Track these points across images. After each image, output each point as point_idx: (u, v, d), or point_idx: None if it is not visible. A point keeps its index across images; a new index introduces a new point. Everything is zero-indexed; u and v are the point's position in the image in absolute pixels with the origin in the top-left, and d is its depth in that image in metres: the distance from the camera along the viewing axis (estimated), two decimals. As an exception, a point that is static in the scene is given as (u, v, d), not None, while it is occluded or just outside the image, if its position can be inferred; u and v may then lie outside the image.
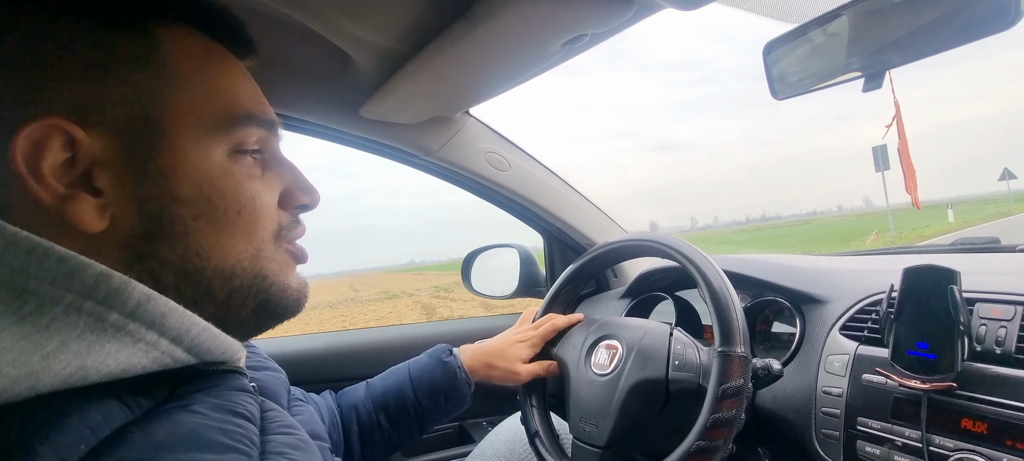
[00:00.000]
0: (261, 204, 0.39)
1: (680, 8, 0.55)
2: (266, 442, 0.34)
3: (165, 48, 0.36)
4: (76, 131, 0.32)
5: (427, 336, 1.22)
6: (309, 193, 0.44)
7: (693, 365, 0.65)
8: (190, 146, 0.35)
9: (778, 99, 0.65)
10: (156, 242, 0.34)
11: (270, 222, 0.40)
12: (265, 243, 0.39)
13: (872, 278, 0.73)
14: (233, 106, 0.38)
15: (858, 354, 0.66)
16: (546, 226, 1.20)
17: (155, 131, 0.34)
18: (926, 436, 0.56)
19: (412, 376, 0.76)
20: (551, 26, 0.62)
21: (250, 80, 0.41)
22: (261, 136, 0.40)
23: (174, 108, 0.35)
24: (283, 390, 0.54)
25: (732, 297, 0.63)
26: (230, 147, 0.37)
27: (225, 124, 0.37)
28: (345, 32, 0.68)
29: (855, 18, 0.58)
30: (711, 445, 0.57)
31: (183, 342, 0.33)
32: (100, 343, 0.29)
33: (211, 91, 0.37)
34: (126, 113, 0.34)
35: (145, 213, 0.34)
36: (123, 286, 0.30)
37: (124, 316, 0.30)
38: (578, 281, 0.86)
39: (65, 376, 0.27)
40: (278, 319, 0.41)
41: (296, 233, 0.43)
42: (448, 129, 1.01)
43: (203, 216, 0.35)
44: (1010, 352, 0.55)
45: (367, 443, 0.74)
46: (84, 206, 0.32)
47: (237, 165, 0.38)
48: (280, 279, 0.40)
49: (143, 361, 0.30)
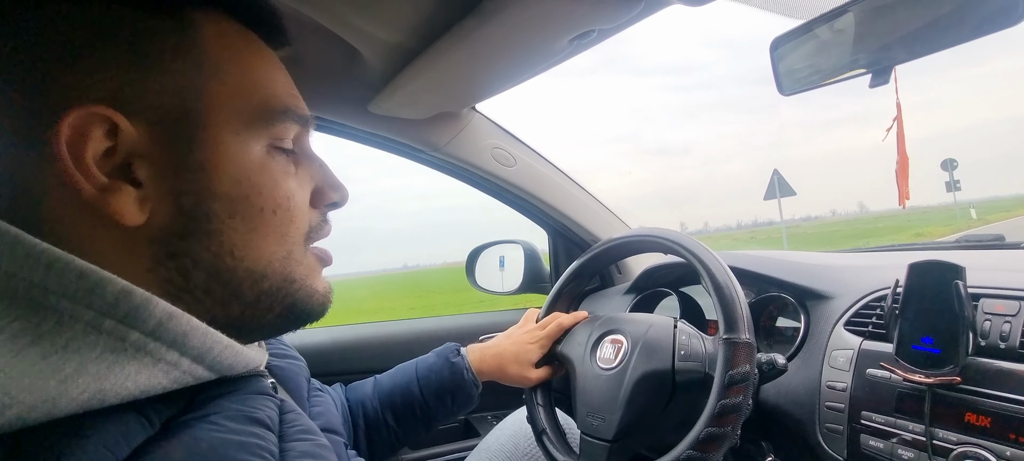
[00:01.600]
0: (295, 203, 0.37)
1: (687, 3, 0.55)
2: (285, 451, 0.33)
3: (202, 35, 0.34)
4: (119, 119, 0.31)
5: (434, 331, 1.23)
6: (339, 190, 0.42)
7: (699, 355, 0.65)
8: (228, 139, 0.34)
9: (785, 95, 0.65)
10: (190, 239, 0.33)
11: (302, 222, 0.38)
12: (296, 245, 0.38)
13: (876, 274, 0.73)
14: (271, 100, 0.37)
15: (862, 349, 0.66)
16: (551, 222, 1.21)
17: (195, 122, 0.33)
18: (930, 430, 0.57)
19: (419, 375, 0.76)
20: (559, 22, 0.63)
21: (285, 72, 0.40)
22: (297, 132, 0.39)
23: (213, 99, 0.34)
24: (303, 380, 0.54)
25: (736, 287, 0.64)
26: (268, 143, 0.36)
27: (264, 118, 0.36)
28: (355, 27, 0.69)
29: (862, 14, 0.58)
30: (720, 432, 0.58)
31: (205, 361, 0.32)
32: (120, 364, 0.28)
33: (249, 83, 0.36)
34: (166, 102, 0.33)
35: (181, 208, 0.33)
36: (144, 303, 0.29)
37: (145, 335, 0.29)
38: (582, 277, 0.87)
39: (83, 401, 0.26)
40: (303, 323, 0.40)
41: (324, 233, 0.42)
42: (455, 125, 1.02)
43: (239, 214, 0.34)
44: (1014, 347, 0.55)
45: (373, 440, 0.75)
46: (125, 198, 0.31)
47: (274, 162, 0.37)
48: (308, 283, 0.39)
49: (163, 381, 0.29)
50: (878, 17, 0.58)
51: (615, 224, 1.22)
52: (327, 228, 0.42)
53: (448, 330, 1.24)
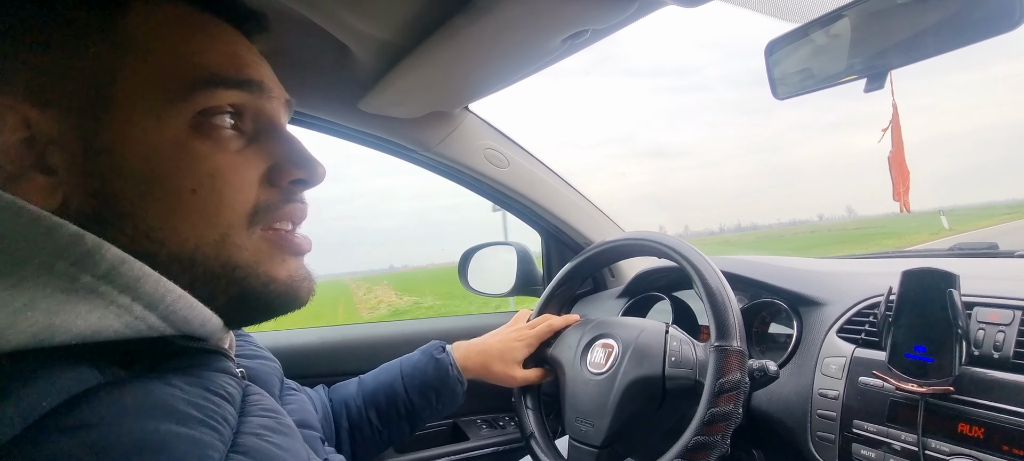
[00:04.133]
0: (226, 181, 0.35)
1: (682, 5, 0.54)
2: (243, 422, 0.33)
3: (133, 19, 0.34)
4: (29, 111, 0.31)
5: (422, 332, 1.22)
6: (304, 166, 0.39)
7: (690, 362, 0.64)
8: (139, 118, 0.33)
9: (779, 98, 0.65)
10: (104, 223, 0.32)
11: (240, 201, 0.36)
12: (233, 227, 0.35)
13: (870, 281, 0.73)
14: (194, 69, 0.35)
15: (855, 357, 0.66)
16: (544, 224, 1.20)
17: (103, 104, 0.33)
18: (922, 440, 0.56)
19: (404, 373, 0.75)
20: (552, 21, 0.62)
21: (232, 43, 0.38)
22: (240, 101, 0.36)
23: (127, 78, 0.33)
24: (276, 380, 0.53)
25: (728, 294, 0.63)
26: (192, 116, 0.34)
27: (184, 90, 0.34)
28: (345, 24, 0.67)
29: (858, 19, 0.57)
30: (709, 440, 0.57)
31: (157, 309, 0.31)
32: (71, 304, 0.28)
33: (173, 56, 0.34)
34: (78, 88, 0.32)
35: (91, 192, 0.33)
36: (96, 248, 0.30)
37: (96, 278, 0.29)
38: (574, 280, 0.86)
39: (32, 333, 0.27)
40: (269, 313, 0.38)
41: (283, 214, 0.38)
42: (447, 125, 1.01)
43: (150, 195, 0.33)
44: (1008, 357, 0.55)
45: (356, 440, 0.74)
46: (32, 186, 0.32)
47: (200, 138, 0.35)
48: (259, 270, 0.36)
49: (115, 324, 0.30)
50: (874, 22, 0.57)
51: (608, 227, 1.21)
52: (293, 208, 0.39)
53: (436, 332, 1.23)
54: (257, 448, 0.32)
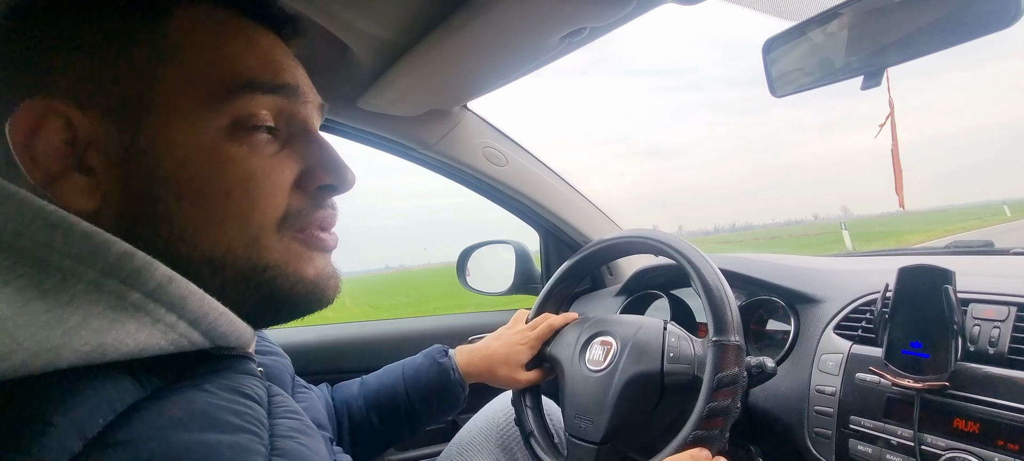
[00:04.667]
0: (258, 186, 0.36)
1: (680, 2, 0.55)
2: (274, 425, 0.34)
3: (174, 24, 0.35)
4: (73, 112, 0.32)
5: (423, 331, 1.22)
6: (335, 172, 0.39)
7: (688, 357, 0.65)
8: (177, 122, 0.34)
9: (777, 96, 0.65)
10: (142, 225, 0.33)
11: (272, 206, 0.36)
12: (263, 230, 0.36)
13: (867, 278, 0.73)
14: (233, 75, 0.35)
15: (852, 353, 0.66)
16: (542, 223, 1.20)
17: (143, 108, 0.33)
18: (918, 435, 0.57)
19: (405, 376, 0.76)
20: (551, 19, 0.62)
21: (271, 49, 0.38)
22: (276, 106, 0.37)
23: (166, 82, 0.34)
24: (288, 376, 0.53)
25: (726, 289, 0.63)
26: (229, 121, 0.35)
27: (222, 95, 0.35)
28: (344, 22, 0.68)
29: (855, 17, 0.58)
30: (708, 434, 0.57)
31: (200, 326, 0.32)
32: (120, 321, 0.29)
33: (212, 62, 0.35)
34: (120, 91, 0.33)
35: (130, 194, 0.33)
36: (146, 266, 0.30)
37: (144, 296, 0.30)
38: (572, 279, 0.86)
39: (85, 353, 0.27)
40: (296, 313, 0.39)
41: (315, 219, 0.39)
42: (446, 123, 1.01)
43: (186, 198, 0.34)
44: (1003, 353, 0.55)
45: (357, 441, 0.74)
46: (73, 186, 0.32)
47: (236, 142, 0.35)
48: (288, 270, 0.37)
49: (160, 342, 0.30)
50: (871, 20, 0.57)
51: (606, 225, 1.21)
52: (323, 214, 0.40)
53: (437, 330, 1.23)
54: (293, 451, 0.33)
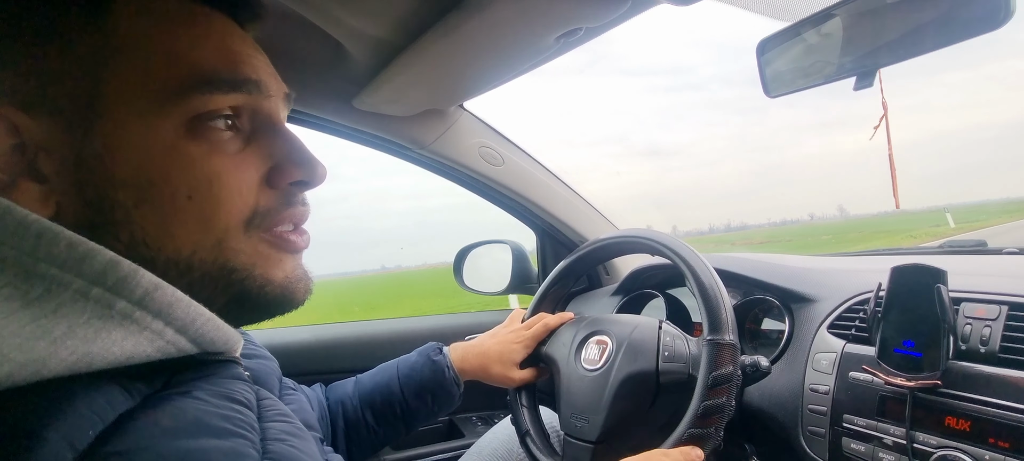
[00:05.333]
0: (222, 186, 0.34)
1: (674, 2, 0.55)
2: (264, 429, 0.34)
3: (119, 13, 0.32)
4: (17, 116, 0.31)
5: (419, 330, 1.22)
6: (305, 167, 0.38)
7: (683, 356, 0.65)
8: (131, 122, 0.32)
9: (771, 97, 0.65)
10: (100, 231, 0.32)
11: (238, 206, 0.35)
12: (229, 231, 0.34)
13: (860, 277, 0.74)
14: (187, 71, 0.33)
15: (845, 352, 0.67)
16: (539, 222, 1.20)
17: (94, 109, 0.32)
18: (910, 433, 0.57)
19: (400, 374, 0.76)
20: (546, 19, 0.62)
21: (226, 35, 0.36)
22: (237, 101, 0.35)
23: (115, 80, 0.32)
24: (275, 379, 0.53)
25: (721, 289, 0.63)
26: (186, 119, 0.33)
27: (177, 92, 0.33)
28: (339, 21, 0.67)
29: (848, 18, 0.58)
30: (703, 433, 0.58)
31: (188, 332, 0.32)
32: (107, 330, 0.28)
33: (164, 56, 0.33)
34: (65, 91, 0.31)
35: (86, 199, 0.32)
36: (132, 274, 0.29)
37: (131, 304, 0.29)
38: (568, 279, 0.86)
39: (71, 363, 0.27)
40: (266, 314, 0.38)
41: (286, 216, 0.37)
42: (442, 123, 1.01)
43: (146, 202, 0.32)
44: (994, 351, 0.56)
45: (352, 440, 0.74)
46: (25, 195, 0.31)
47: (195, 141, 0.33)
48: (257, 272, 0.36)
49: (148, 349, 0.30)
50: (864, 21, 0.58)
51: (602, 225, 1.22)
52: (294, 211, 0.38)
53: (433, 330, 1.23)
54: (284, 454, 0.32)
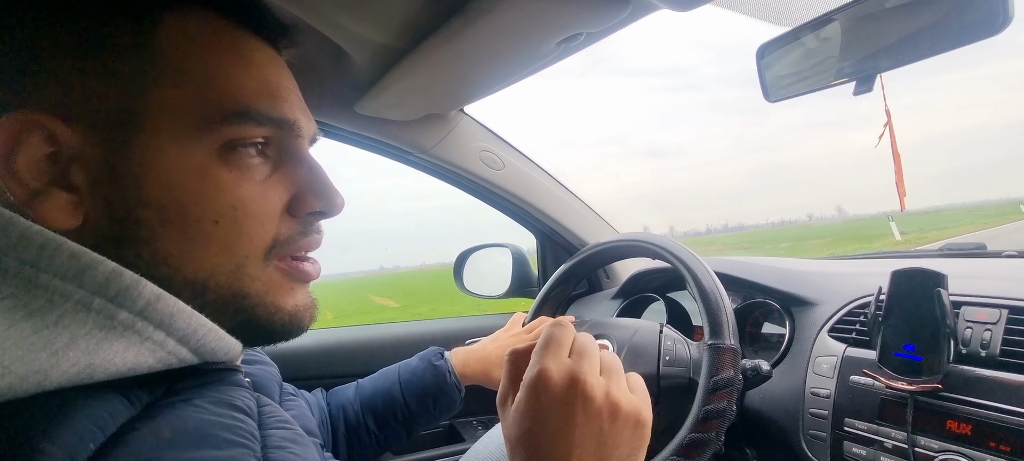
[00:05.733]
0: (247, 213, 0.34)
1: (675, 8, 0.55)
2: (265, 436, 0.34)
3: (165, 34, 0.33)
4: (56, 126, 0.31)
5: (420, 334, 1.22)
6: (324, 197, 0.38)
7: (684, 360, 0.65)
8: (166, 144, 0.32)
9: (770, 101, 0.66)
10: (123, 246, 0.32)
11: (259, 235, 0.35)
12: (249, 259, 0.35)
13: (860, 281, 0.74)
14: (228, 100, 0.34)
15: (846, 356, 0.67)
16: (539, 226, 1.20)
17: (133, 126, 0.32)
18: (912, 437, 0.57)
19: (401, 379, 0.76)
20: (547, 24, 0.62)
21: (268, 69, 0.37)
22: (269, 133, 0.36)
23: (156, 99, 0.32)
24: (275, 385, 0.53)
25: (721, 293, 0.64)
26: (219, 144, 0.34)
27: (215, 120, 0.33)
28: (341, 27, 0.68)
29: (847, 23, 0.58)
30: (703, 437, 0.58)
31: (189, 343, 0.32)
32: (109, 341, 0.28)
33: (206, 82, 0.34)
34: (108, 107, 0.32)
35: (113, 214, 0.32)
36: (134, 285, 0.29)
37: (133, 315, 0.29)
38: (569, 282, 0.86)
39: (73, 374, 0.27)
40: (271, 340, 0.38)
41: (301, 245, 0.38)
42: (443, 127, 1.01)
43: (172, 222, 0.33)
44: (995, 355, 0.56)
45: (353, 445, 0.74)
46: (54, 204, 0.31)
47: (227, 166, 0.34)
48: (267, 300, 0.36)
49: (149, 360, 0.30)
50: (863, 25, 0.58)
51: (603, 228, 1.22)
52: (309, 240, 0.39)
53: (434, 334, 1.23)
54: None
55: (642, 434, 0.39)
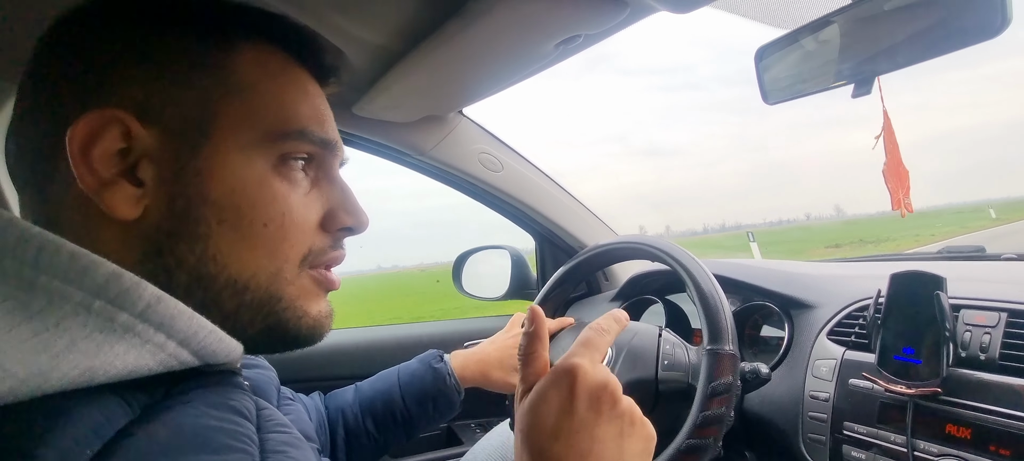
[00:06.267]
0: (291, 221, 0.37)
1: (673, 10, 0.55)
2: (264, 440, 0.34)
3: (242, 58, 0.37)
4: (133, 124, 0.33)
5: (419, 337, 1.22)
6: (355, 216, 0.42)
7: (683, 364, 0.65)
8: (233, 152, 0.36)
9: (769, 104, 0.66)
10: (178, 239, 0.34)
11: (299, 242, 0.38)
12: (288, 264, 0.38)
13: (859, 284, 0.74)
14: (287, 120, 0.38)
15: (845, 359, 0.66)
16: (538, 228, 1.20)
17: (203, 132, 0.35)
18: (911, 441, 0.57)
19: (401, 382, 0.76)
20: (545, 26, 0.62)
21: (318, 102, 0.41)
22: (314, 151, 0.39)
23: (227, 113, 0.36)
24: (273, 389, 0.53)
25: (720, 297, 0.63)
26: (276, 158, 0.37)
27: (275, 136, 0.37)
28: (339, 28, 0.68)
29: (846, 25, 0.58)
30: (701, 443, 0.57)
31: (190, 345, 0.32)
32: (109, 343, 0.28)
33: (270, 103, 0.37)
34: (182, 113, 0.35)
35: (174, 209, 0.34)
36: (134, 287, 0.30)
37: (133, 317, 0.30)
38: (567, 284, 0.86)
39: (73, 377, 0.27)
40: (289, 346, 0.40)
41: (330, 258, 0.41)
42: (441, 129, 1.01)
43: (228, 222, 0.35)
44: (994, 358, 0.55)
45: (353, 448, 0.73)
46: (121, 194, 0.33)
47: (280, 177, 0.37)
48: (297, 304, 0.38)
49: (150, 363, 0.30)
50: (862, 28, 0.58)
51: (602, 230, 1.22)
52: (337, 254, 0.42)
53: (432, 336, 1.23)
54: None
55: (650, 450, 0.42)
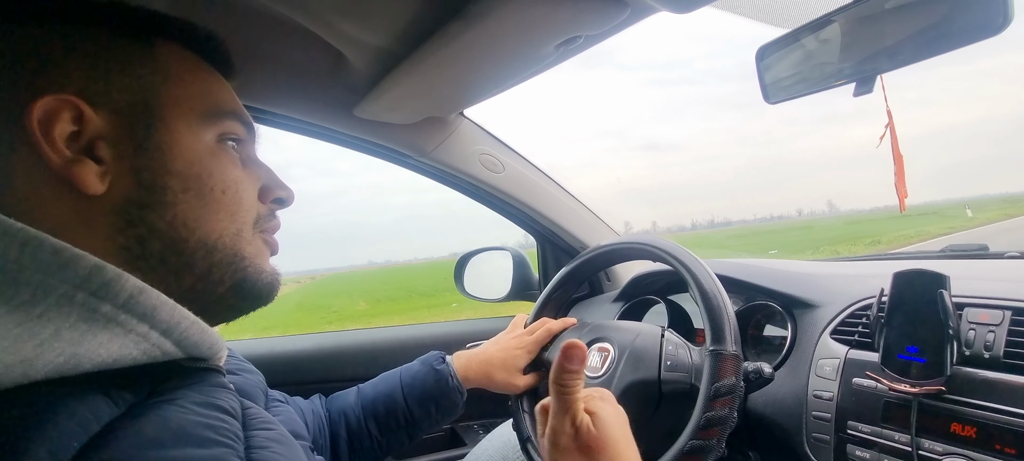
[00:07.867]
0: (243, 189, 0.42)
1: (674, 11, 0.55)
2: (249, 437, 0.35)
3: (162, 53, 0.40)
4: (84, 107, 0.35)
5: (420, 338, 1.22)
6: (285, 189, 0.47)
7: (685, 365, 0.65)
8: (183, 129, 0.39)
9: (770, 103, 0.66)
10: (147, 209, 0.37)
11: (251, 207, 0.43)
12: (246, 225, 0.42)
13: (862, 283, 0.73)
14: (219, 102, 0.42)
15: (849, 358, 0.66)
16: (539, 229, 1.20)
17: (153, 114, 0.38)
18: (916, 440, 0.57)
19: (403, 383, 0.76)
20: (545, 27, 0.62)
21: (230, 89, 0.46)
22: (242, 134, 0.44)
23: (170, 97, 0.39)
24: (259, 392, 0.54)
25: (723, 298, 0.63)
26: (217, 135, 0.41)
27: (213, 115, 0.41)
28: (340, 31, 0.68)
29: (847, 24, 0.58)
30: (704, 444, 0.57)
31: (172, 335, 0.33)
32: (92, 333, 0.30)
33: (201, 89, 0.41)
34: (128, 98, 0.37)
35: (141, 182, 0.37)
36: (116, 278, 0.31)
37: (116, 308, 0.31)
38: (570, 284, 0.86)
39: (58, 364, 0.28)
40: (251, 302, 0.43)
41: (272, 225, 0.46)
42: (442, 130, 1.01)
43: (192, 190, 0.38)
44: (998, 356, 0.55)
45: (355, 450, 0.73)
46: (87, 170, 0.35)
47: (224, 152, 0.42)
48: (256, 262, 0.43)
49: (133, 352, 0.31)
50: (863, 27, 0.58)
51: (603, 231, 1.21)
52: (275, 222, 0.47)
53: (435, 337, 1.23)
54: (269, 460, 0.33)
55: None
